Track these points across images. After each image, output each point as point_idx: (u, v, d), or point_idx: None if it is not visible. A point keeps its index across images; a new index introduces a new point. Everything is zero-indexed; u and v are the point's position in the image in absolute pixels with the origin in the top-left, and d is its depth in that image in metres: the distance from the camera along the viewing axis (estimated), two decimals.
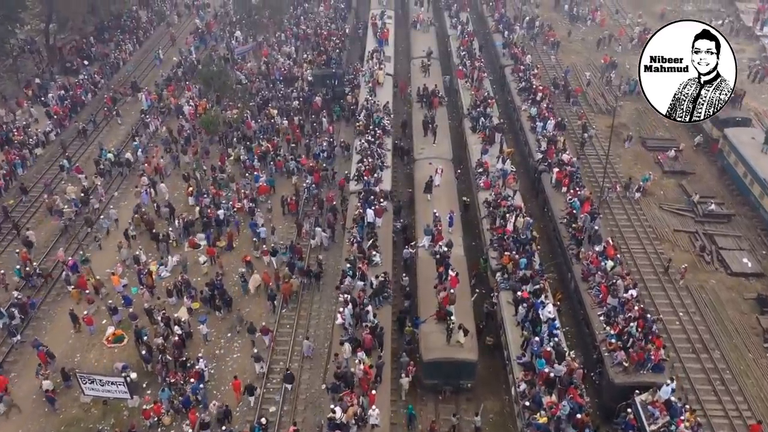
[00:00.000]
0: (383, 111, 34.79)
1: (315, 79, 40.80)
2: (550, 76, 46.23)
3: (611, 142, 37.98)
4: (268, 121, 37.63)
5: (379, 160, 30.04)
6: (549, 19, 55.25)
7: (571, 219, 27.05)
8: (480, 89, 37.28)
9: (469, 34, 44.29)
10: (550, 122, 33.21)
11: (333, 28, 45.18)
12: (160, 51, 47.45)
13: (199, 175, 31.68)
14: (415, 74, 40.53)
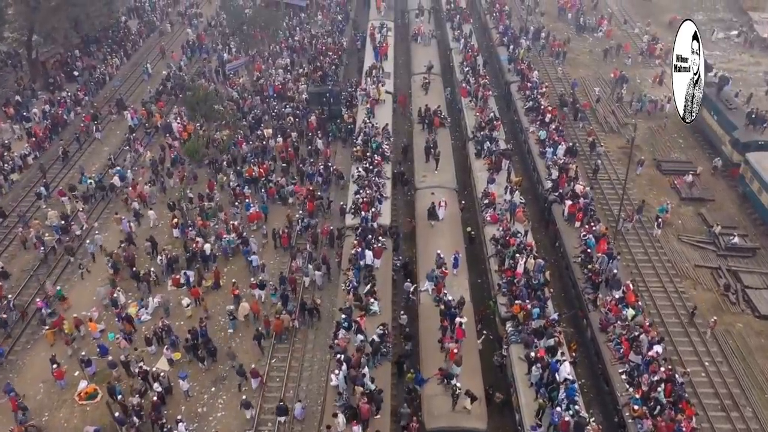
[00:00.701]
0: (382, 134, 32.62)
1: (311, 96, 38.64)
2: (557, 90, 44.13)
3: (623, 164, 36.09)
4: (260, 143, 35.45)
5: (377, 191, 27.85)
6: (554, 29, 53.15)
7: (586, 259, 24.89)
8: (485, 109, 35.11)
9: (473, 49, 42.12)
10: (561, 147, 31.05)
11: (330, 42, 42.96)
12: (149, 65, 45.26)
13: (184, 205, 29.44)
14: (416, 92, 38.36)
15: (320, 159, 34.44)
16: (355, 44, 48.34)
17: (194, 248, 27.94)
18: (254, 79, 42.81)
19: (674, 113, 41.14)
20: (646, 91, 43.62)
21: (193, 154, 28.83)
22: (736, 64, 48.46)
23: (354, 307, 22.32)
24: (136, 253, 28.63)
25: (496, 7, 50.11)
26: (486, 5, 51.84)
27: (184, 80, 42.65)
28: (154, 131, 38.08)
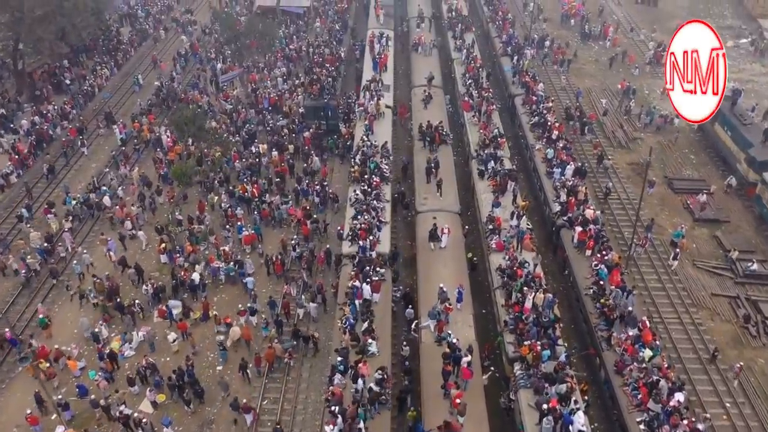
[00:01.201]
0: (381, 152, 31.07)
1: (307, 110, 37.09)
2: (561, 101, 42.62)
3: (633, 183, 34.63)
4: (254, 160, 33.90)
5: (376, 216, 26.30)
6: (558, 36, 51.62)
7: (598, 291, 23.34)
8: (488, 125, 33.54)
9: (475, 60, 40.55)
10: (569, 167, 29.49)
11: (327, 53, 41.39)
12: (140, 76, 43.69)
13: (172, 230, 27.89)
14: (416, 105, 36.80)
15: (317, 178, 32.88)
16: (354, 53, 46.81)
17: (182, 277, 26.41)
18: (249, 90, 41.31)
19: (685, 127, 39.87)
20: (655, 103, 42.10)
21: (180, 177, 27.24)
22: (747, 74, 46.92)
23: (351, 348, 20.77)
24: (120, 281, 27.10)
25: (499, 15, 48.58)
26: (488, 13, 50.32)
27: (176, 92, 41.12)
28: (143, 146, 36.58)
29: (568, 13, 53.55)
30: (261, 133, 37.42)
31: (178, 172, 27.09)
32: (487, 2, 51.85)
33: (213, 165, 31.75)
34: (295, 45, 46.99)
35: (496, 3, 51.18)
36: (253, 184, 31.77)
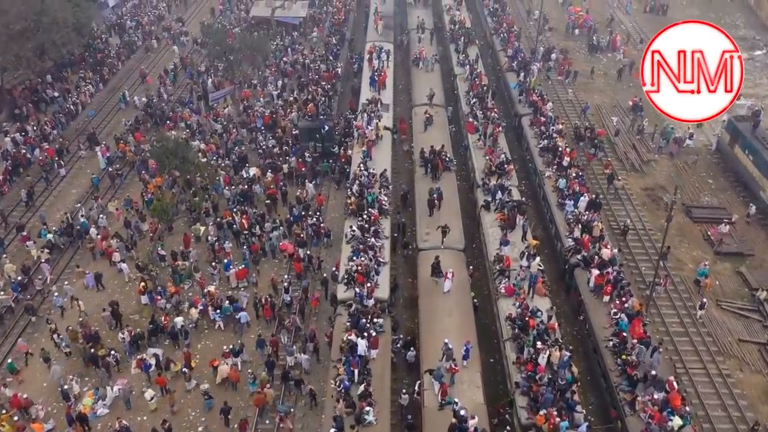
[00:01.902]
0: (380, 181, 28.89)
1: (301, 132, 34.93)
2: (568, 115, 40.55)
3: (648, 211, 32.46)
4: (246, 187, 31.74)
5: (374, 257, 24.11)
6: (565, 48, 49.44)
7: (619, 345, 21.17)
8: (495, 150, 31.37)
9: (480, 76, 38.36)
10: (583, 199, 27.31)
11: (323, 69, 39.17)
12: (126, 92, 41.49)
13: (153, 270, 25.71)
14: (417, 127, 34.60)
15: (311, 208, 30.69)
16: (352, 67, 44.63)
17: (163, 324, 24.25)
18: (240, 108, 39.15)
19: (702, 148, 37.71)
20: (668, 121, 39.92)
21: (161, 214, 25.04)
22: (764, 89, 44.79)
23: (346, 415, 18.61)
24: (97, 326, 24.94)
25: (504, 27, 46.39)
26: (492, 24, 48.13)
27: (164, 110, 38.96)
28: (127, 170, 34.47)
29: (575, 23, 51.33)
30: (252, 154, 35.39)
31: (158, 210, 24.87)
32: (491, 13, 49.67)
33: (201, 192, 29.47)
34: (290, 58, 44.85)
35: (500, 14, 48.93)
36: (243, 214, 29.60)
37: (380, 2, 50.37)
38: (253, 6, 51.99)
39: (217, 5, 56.11)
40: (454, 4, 50.73)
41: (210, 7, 56.01)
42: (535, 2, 58.40)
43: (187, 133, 36.59)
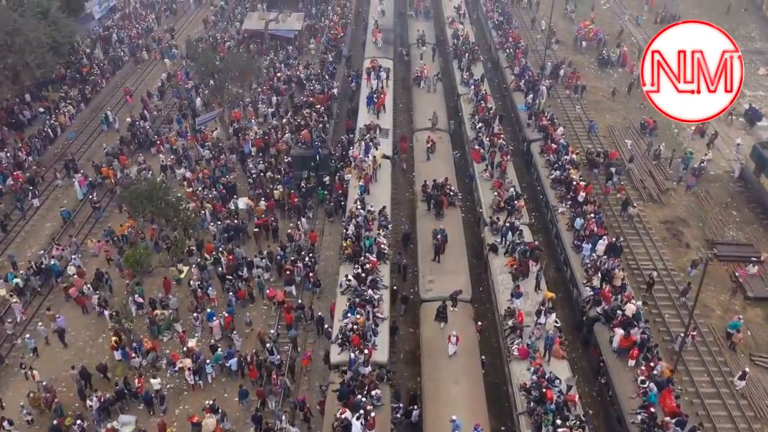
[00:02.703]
0: (378, 219, 26.39)
1: (294, 160, 32.46)
2: (577, 133, 38.22)
3: (669, 247, 30.00)
4: (232, 221, 29.32)
5: (372, 316, 21.62)
6: (573, 62, 46.99)
7: (649, 421, 18.68)
8: (503, 183, 28.89)
9: (485, 98, 35.87)
10: (602, 243, 24.81)
11: (318, 90, 36.66)
12: (109, 112, 38.98)
13: (126, 324, 23.20)
14: (419, 155, 32.10)
15: (304, 247, 28.21)
16: (349, 86, 42.16)
17: (137, 388, 21.78)
18: (230, 131, 36.68)
19: (724, 176, 35.25)
20: (686, 144, 37.52)
21: (134, 266, 22.50)
22: None
23: None
24: (64, 386, 22.49)
25: (510, 41, 43.91)
26: (498, 38, 45.66)
27: (147, 133, 36.48)
28: (108, 200, 32.04)
29: (585, 37, 48.88)
30: (242, 181, 33.03)
31: (131, 260, 22.35)
32: (496, 26, 47.19)
33: (182, 235, 26.97)
34: (284, 74, 42.41)
35: (506, 27, 46.45)
36: (229, 254, 27.13)
37: (379, 15, 47.95)
38: (246, 19, 49.53)
39: (209, 16, 53.71)
40: (456, 17, 48.27)
41: (201, 18, 53.64)
42: (541, 12, 56.30)
43: (172, 159, 34.19)
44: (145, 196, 23.25)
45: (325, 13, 51.96)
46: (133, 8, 55.14)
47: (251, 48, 46.48)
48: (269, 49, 46.80)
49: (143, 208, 23.60)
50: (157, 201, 23.23)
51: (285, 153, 33.61)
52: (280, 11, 51.74)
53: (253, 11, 52.94)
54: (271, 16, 48.08)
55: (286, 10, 50.66)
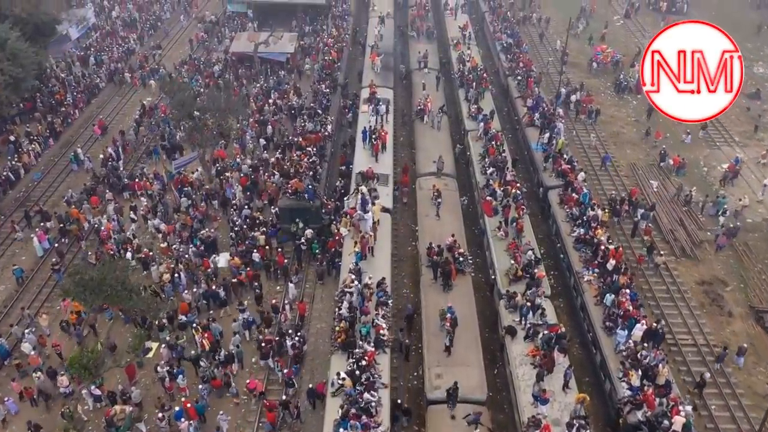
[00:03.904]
0: (377, 294, 22.67)
1: (282, 213, 28.76)
2: (592, 162, 35.23)
3: (709, 315, 26.30)
4: (210, 287, 25.70)
5: (371, 421, 17.94)
6: (588, 86, 43.38)
7: None
8: (519, 244, 25.19)
9: (497, 137, 32.18)
10: (639, 327, 21.09)
11: (310, 129, 32.92)
12: (80, 150, 35.29)
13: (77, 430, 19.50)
14: (424, 208, 28.35)
15: (292, 316, 24.57)
16: (345, 117, 38.49)
17: None
18: (213, 172, 33.02)
19: (763, 224, 31.60)
20: (717, 186, 33.84)
21: (81, 372, 18.72)
22: None
23: None
24: None
25: (521, 67, 40.23)
26: (507, 63, 41.99)
27: (119, 175, 32.78)
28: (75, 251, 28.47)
29: (602, 62, 45.23)
30: (223, 230, 29.46)
31: (76, 364, 18.57)
32: (505, 49, 43.51)
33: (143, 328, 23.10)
34: (274, 100, 38.79)
35: (516, 50, 42.77)
36: (204, 330, 23.46)
37: (378, 36, 44.33)
38: (234, 40, 45.86)
39: (198, 33, 50.01)
40: (461, 38, 44.61)
41: (188, 38, 50.00)
42: (551, 30, 52.69)
43: (145, 206, 30.50)
44: (93, 286, 19.43)
45: (320, 31, 48.32)
46: (113, 26, 51.38)
47: (239, 73, 42.85)
48: (259, 73, 43.17)
49: (94, 299, 19.80)
50: (110, 289, 19.35)
51: (274, 194, 30.05)
52: (272, 30, 48.29)
53: (243, 30, 49.35)
54: (262, 37, 44.49)
55: (278, 30, 47.11)
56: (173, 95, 30.71)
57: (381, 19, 45.98)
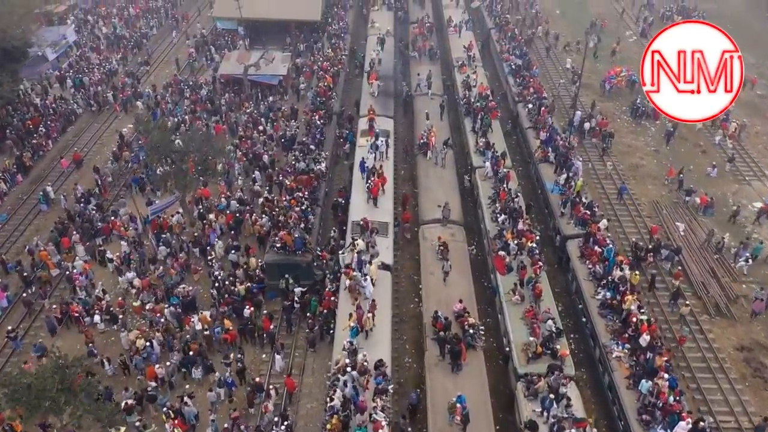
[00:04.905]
0: (375, 379, 19.58)
1: (269, 269, 25.62)
2: (608, 194, 32.73)
3: (753, 390, 23.17)
4: (187, 354, 22.65)
5: None
6: (602, 110, 40.32)
7: None
8: (539, 315, 22.08)
9: (507, 177, 29.11)
10: (683, 426, 17.98)
11: (302, 169, 29.75)
12: (50, 187, 32.22)
13: None
14: (427, 265, 25.19)
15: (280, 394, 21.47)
16: (342, 149, 35.44)
17: None
18: (195, 214, 29.96)
19: None
20: (751, 228, 30.75)
21: None
22: None
23: None
24: None
25: (532, 93, 37.14)
26: (516, 88, 38.90)
27: (92, 220, 29.72)
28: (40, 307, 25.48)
29: (617, 86, 42.20)
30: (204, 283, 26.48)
31: None
32: (513, 72, 40.42)
33: None
34: (264, 128, 35.83)
35: (525, 74, 39.67)
36: (176, 417, 20.38)
37: (377, 56, 41.29)
38: (223, 60, 42.76)
39: (188, 50, 46.90)
40: (466, 59, 41.55)
41: (175, 57, 46.94)
42: (560, 47, 49.59)
43: (119, 256, 27.43)
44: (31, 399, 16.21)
45: (315, 50, 45.24)
46: (96, 43, 48.26)
47: (227, 98, 39.74)
48: (249, 98, 40.08)
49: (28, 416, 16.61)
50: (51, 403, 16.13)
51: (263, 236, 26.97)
52: (265, 47, 45.25)
53: (234, 48, 46.29)
54: (252, 57, 41.38)
55: (271, 48, 44.07)
56: (148, 134, 27.54)
57: (380, 40, 42.84)
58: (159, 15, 54.18)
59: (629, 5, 58.07)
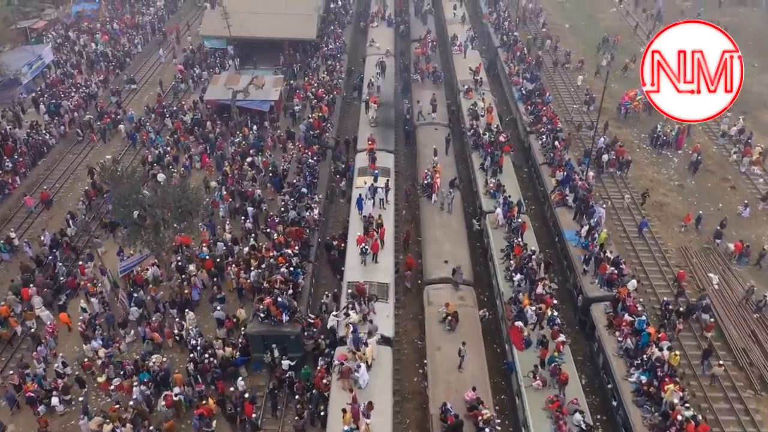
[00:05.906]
0: None
1: (253, 341, 22.44)
2: (626, 228, 30.30)
3: None
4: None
5: None
6: (621, 137, 37.19)
7: None
8: (564, 407, 18.92)
9: (523, 228, 25.95)
10: None
11: (291, 218, 26.52)
12: (13, 233, 29.03)
13: None
14: (433, 337, 21.91)
15: None
16: (338, 186, 32.30)
17: None
18: (172, 266, 26.79)
19: None
20: None
21: None
22: None
23: None
24: None
25: (545, 123, 33.99)
26: (527, 117, 35.75)
27: (57, 273, 26.57)
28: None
29: (634, 110, 39.12)
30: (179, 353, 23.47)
31: None
32: (524, 98, 37.28)
33: None
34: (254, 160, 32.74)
35: (537, 100, 36.50)
36: None
37: (376, 79, 38.15)
38: (210, 84, 39.55)
39: (176, 67, 43.78)
40: (473, 83, 38.39)
41: (159, 79, 43.76)
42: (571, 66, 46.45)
43: (82, 322, 24.20)
44: None
45: (309, 72, 42.12)
46: (77, 62, 45.08)
47: (212, 126, 36.55)
48: (236, 126, 36.92)
49: None
50: None
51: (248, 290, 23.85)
52: (255, 69, 42.21)
53: (223, 68, 43.19)
54: (242, 82, 38.14)
55: (262, 69, 40.98)
56: (115, 183, 24.33)
57: (380, 64, 39.67)
58: (145, 31, 50.91)
59: (642, 18, 55.00)
